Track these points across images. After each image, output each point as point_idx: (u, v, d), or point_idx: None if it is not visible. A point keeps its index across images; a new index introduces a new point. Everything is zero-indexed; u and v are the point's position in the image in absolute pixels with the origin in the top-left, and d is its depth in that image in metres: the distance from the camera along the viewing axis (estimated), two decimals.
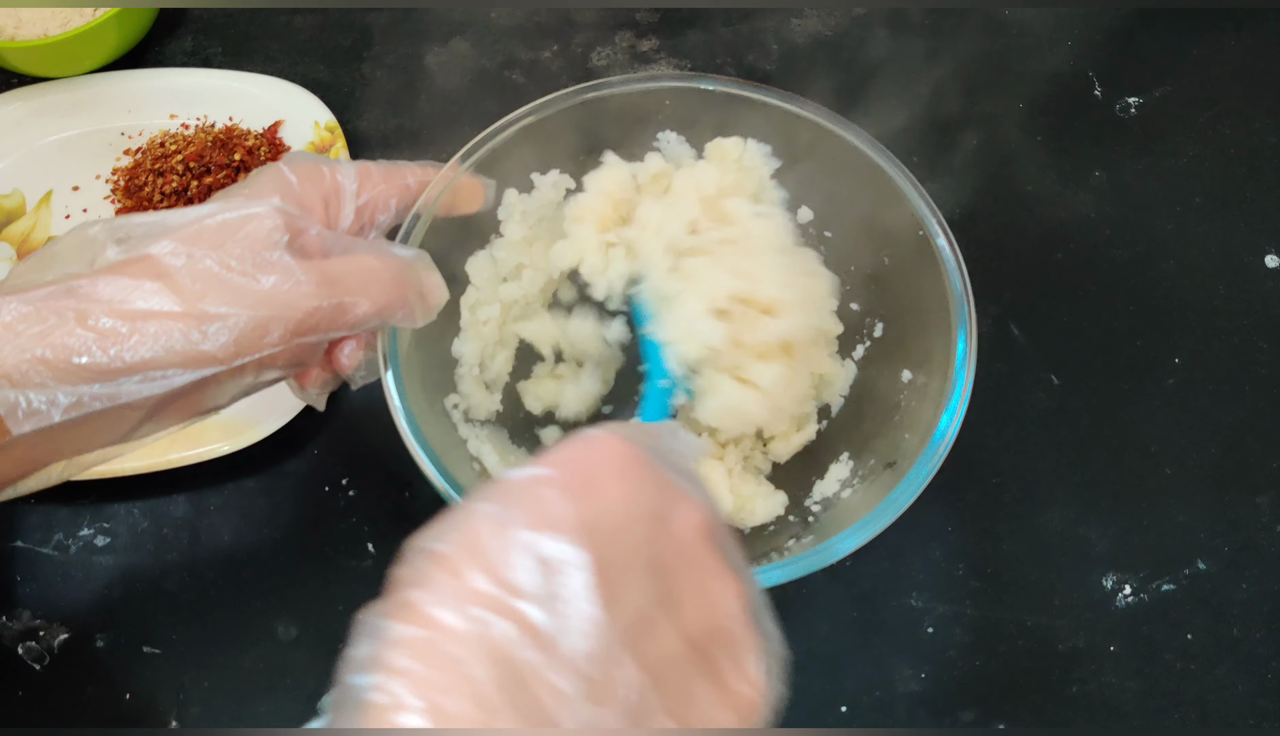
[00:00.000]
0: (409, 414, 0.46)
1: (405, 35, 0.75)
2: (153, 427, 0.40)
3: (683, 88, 0.55)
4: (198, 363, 0.37)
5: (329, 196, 0.44)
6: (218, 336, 0.37)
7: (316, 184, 0.43)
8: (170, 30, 0.76)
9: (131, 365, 0.37)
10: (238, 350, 0.38)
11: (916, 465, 0.46)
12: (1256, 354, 0.63)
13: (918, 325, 0.53)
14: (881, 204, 0.53)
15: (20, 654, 0.55)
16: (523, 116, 0.53)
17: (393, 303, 0.42)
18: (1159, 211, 0.68)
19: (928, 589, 0.56)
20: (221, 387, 0.40)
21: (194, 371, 0.38)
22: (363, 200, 0.45)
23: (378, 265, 0.42)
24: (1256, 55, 0.74)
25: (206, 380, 0.38)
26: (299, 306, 0.39)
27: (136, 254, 0.38)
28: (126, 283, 0.37)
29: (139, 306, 0.37)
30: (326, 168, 0.44)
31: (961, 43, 0.75)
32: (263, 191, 0.42)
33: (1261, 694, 0.54)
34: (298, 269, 0.39)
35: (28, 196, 0.68)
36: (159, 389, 0.37)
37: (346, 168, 0.45)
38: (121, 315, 0.37)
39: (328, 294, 0.40)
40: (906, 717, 0.53)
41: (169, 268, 0.38)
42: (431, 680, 0.26)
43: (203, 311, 0.37)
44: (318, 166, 0.44)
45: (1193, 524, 0.58)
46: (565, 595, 0.28)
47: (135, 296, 0.37)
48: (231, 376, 0.39)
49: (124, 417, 0.38)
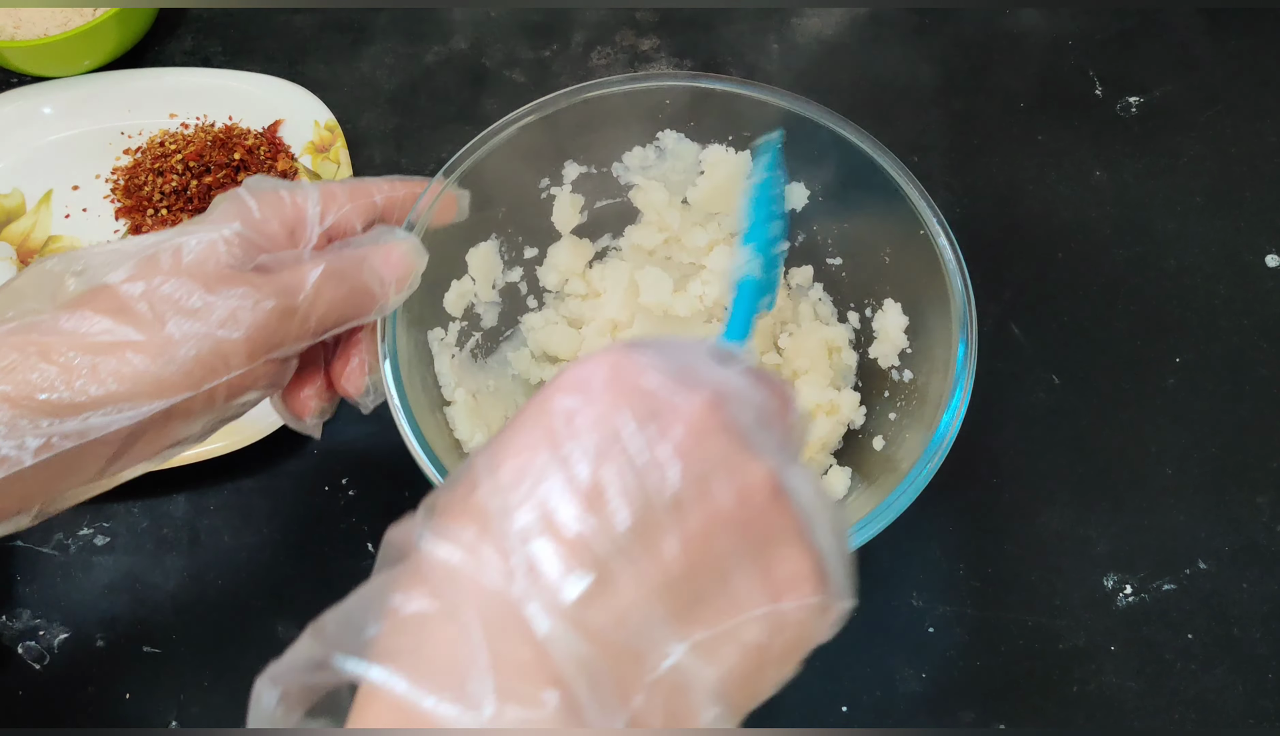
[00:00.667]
0: (409, 414, 0.46)
1: (405, 35, 0.75)
2: (126, 464, 0.39)
3: (683, 88, 0.55)
4: (164, 391, 0.37)
5: (293, 223, 0.43)
6: (182, 362, 0.37)
7: (278, 210, 0.42)
8: (170, 30, 0.76)
9: (97, 398, 0.36)
10: (204, 375, 0.37)
11: (916, 465, 0.46)
12: (1256, 354, 0.63)
13: (918, 325, 0.53)
14: (882, 203, 0.53)
15: (20, 654, 0.55)
16: (523, 116, 0.53)
17: (355, 296, 0.42)
18: (1159, 211, 0.68)
19: (928, 589, 0.56)
20: (193, 417, 0.39)
21: (160, 400, 0.37)
22: (328, 224, 0.43)
23: (334, 265, 0.41)
24: (1256, 55, 0.74)
25: (176, 410, 0.38)
26: (260, 322, 0.38)
27: (95, 285, 0.38)
28: (86, 315, 0.37)
29: (101, 338, 0.36)
30: (288, 193, 0.43)
31: (961, 43, 0.75)
32: (223, 218, 0.41)
33: (1261, 694, 0.54)
34: (256, 287, 0.39)
35: (28, 196, 0.68)
36: (126, 421, 0.36)
37: (310, 191, 0.43)
38: (83, 348, 0.36)
39: (285, 305, 0.39)
40: (906, 717, 0.53)
41: (128, 297, 0.37)
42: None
43: (165, 338, 0.37)
44: (278, 193, 0.43)
45: (1193, 524, 0.58)
46: (542, 569, 0.27)
47: (96, 328, 0.36)
48: (202, 404, 0.38)
49: (95, 455, 0.37)
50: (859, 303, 0.58)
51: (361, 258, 0.43)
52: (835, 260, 0.58)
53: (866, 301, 0.57)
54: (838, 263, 0.58)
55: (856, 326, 0.58)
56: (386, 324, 0.46)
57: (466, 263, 0.56)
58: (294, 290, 0.40)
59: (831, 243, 0.58)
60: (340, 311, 0.41)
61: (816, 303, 0.59)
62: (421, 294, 0.51)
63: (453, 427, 0.53)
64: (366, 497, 0.58)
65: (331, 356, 0.46)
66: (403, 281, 0.44)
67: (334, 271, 0.41)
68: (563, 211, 0.58)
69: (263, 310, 0.38)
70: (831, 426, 0.55)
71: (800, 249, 0.59)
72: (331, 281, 0.41)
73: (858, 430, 0.56)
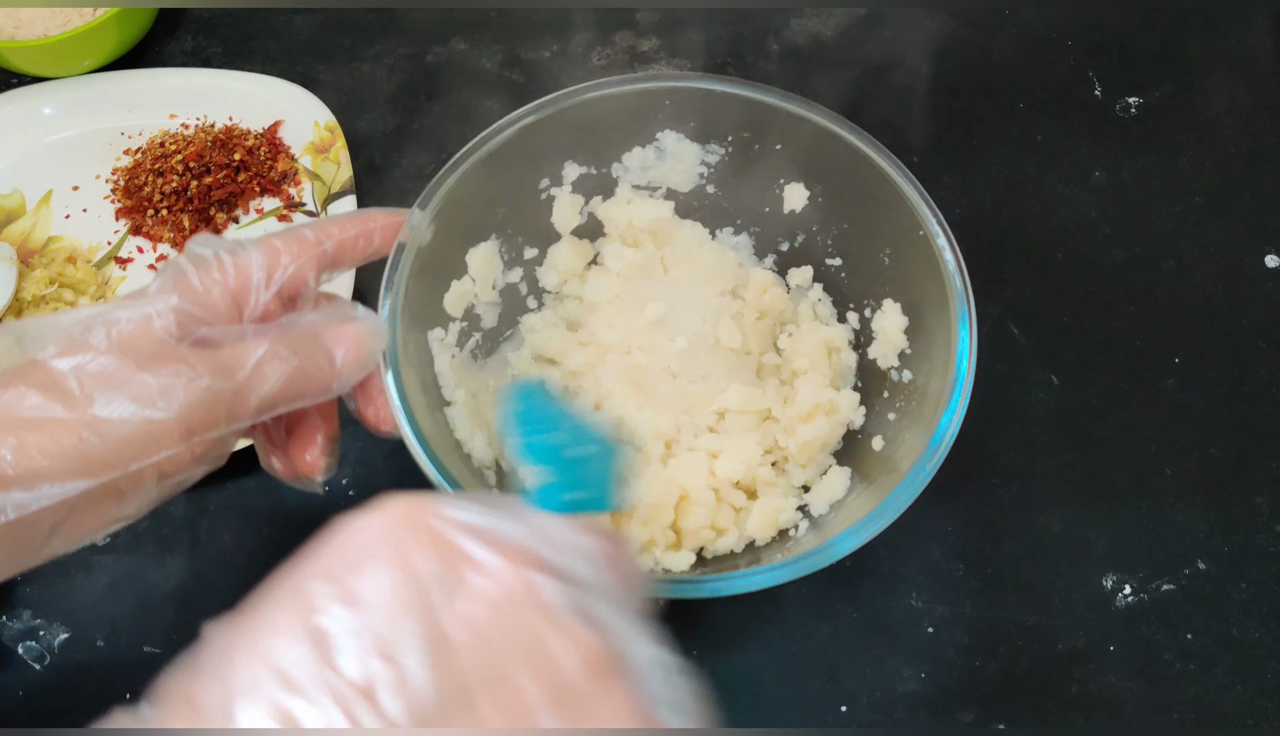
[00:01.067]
0: (409, 414, 0.46)
1: (405, 35, 0.75)
2: (62, 543, 0.38)
3: (683, 88, 0.55)
4: (90, 470, 0.35)
5: (236, 290, 0.40)
6: (109, 441, 0.35)
7: (220, 278, 0.40)
8: (170, 30, 0.76)
9: (22, 475, 0.35)
10: (132, 454, 0.36)
11: (916, 465, 0.46)
12: (1256, 354, 0.63)
13: (917, 325, 0.53)
14: (882, 204, 0.53)
15: (20, 654, 0.55)
16: (523, 116, 0.53)
17: (302, 376, 0.39)
18: (1159, 211, 0.68)
19: (928, 589, 0.56)
20: (125, 497, 0.38)
21: (85, 480, 0.35)
22: (274, 288, 0.41)
23: (280, 342, 0.39)
24: (1256, 55, 0.74)
25: (108, 488, 0.36)
26: (194, 402, 0.37)
27: (25, 360, 0.37)
28: (19, 390, 0.36)
29: (29, 414, 0.35)
30: (230, 258, 0.40)
31: (961, 43, 0.75)
32: (161, 291, 0.39)
33: (1261, 694, 0.54)
34: (191, 364, 0.37)
35: (28, 196, 0.68)
36: (50, 500, 0.35)
37: (253, 253, 0.41)
38: (9, 424, 0.35)
39: (222, 384, 0.37)
40: (906, 718, 0.53)
41: (57, 373, 0.36)
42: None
43: (92, 416, 0.35)
44: (219, 258, 0.40)
45: (1193, 524, 0.58)
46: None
47: (25, 404, 0.35)
48: (130, 483, 0.37)
49: (28, 534, 0.36)
50: (858, 303, 0.58)
51: (312, 335, 0.40)
52: (835, 260, 0.58)
53: (866, 302, 0.57)
54: (837, 263, 0.58)
55: (856, 327, 0.58)
56: (387, 324, 0.46)
57: (466, 263, 0.56)
58: (233, 368, 0.38)
59: (831, 243, 0.58)
60: (285, 392, 0.39)
61: (816, 303, 0.59)
62: (421, 294, 0.51)
63: (453, 428, 0.53)
64: (366, 498, 0.58)
65: (315, 418, 0.44)
66: (359, 364, 0.41)
67: (279, 349, 0.39)
68: (563, 212, 0.58)
69: (197, 389, 0.37)
70: (831, 427, 0.55)
71: (800, 249, 0.60)
72: (275, 360, 0.38)
73: (857, 430, 0.56)
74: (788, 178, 0.58)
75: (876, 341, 0.56)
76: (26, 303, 0.63)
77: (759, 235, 0.61)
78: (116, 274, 0.66)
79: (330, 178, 0.67)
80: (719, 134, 0.57)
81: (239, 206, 0.68)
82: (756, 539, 0.53)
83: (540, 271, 0.60)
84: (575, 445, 0.42)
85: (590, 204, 0.59)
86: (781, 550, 0.52)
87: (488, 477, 0.53)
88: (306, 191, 0.68)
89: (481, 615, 0.26)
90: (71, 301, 0.63)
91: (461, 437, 0.53)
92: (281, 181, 0.68)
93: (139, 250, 0.67)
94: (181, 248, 0.66)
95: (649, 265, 0.59)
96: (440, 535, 0.27)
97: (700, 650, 0.54)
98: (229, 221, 0.67)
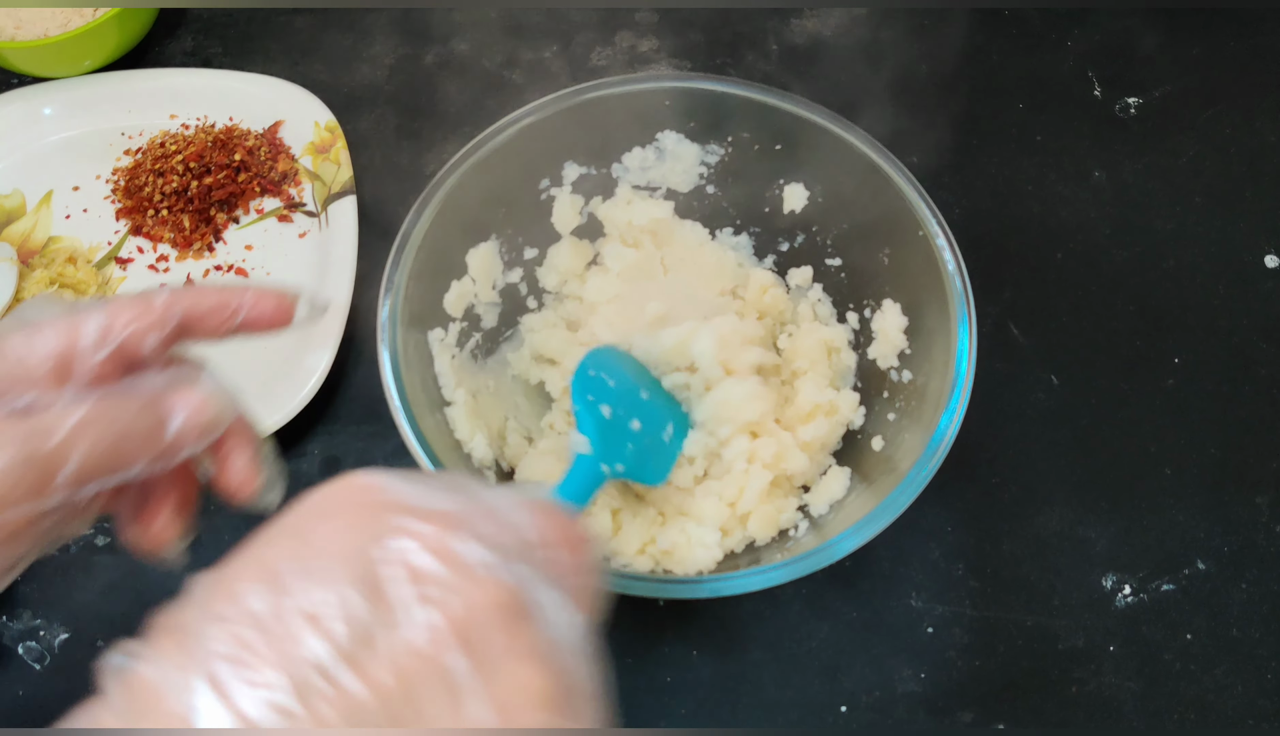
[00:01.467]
0: (409, 414, 0.46)
1: (405, 35, 0.75)
2: None
3: (683, 88, 0.55)
4: None
5: (59, 355, 0.37)
6: None
7: (45, 343, 0.37)
8: (170, 30, 0.76)
9: None
10: None
11: (916, 465, 0.46)
12: (1256, 354, 0.63)
13: (917, 325, 0.53)
14: (882, 204, 0.53)
15: (20, 654, 0.55)
16: (523, 116, 0.53)
17: (127, 444, 0.36)
18: (1159, 211, 0.68)
19: (928, 589, 0.56)
20: None
21: None
22: (108, 350, 0.38)
23: (103, 407, 0.36)
24: (1256, 55, 0.74)
25: None
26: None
27: None
28: None
29: None
30: (61, 322, 0.38)
31: (961, 43, 0.75)
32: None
33: (1261, 694, 0.54)
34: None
35: (28, 196, 0.68)
36: None
37: (91, 317, 0.38)
38: None
39: (32, 452, 0.34)
40: (906, 717, 0.53)
41: None
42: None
43: None
44: (48, 325, 0.38)
45: (1192, 524, 0.58)
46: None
47: None
48: None
49: None
50: (858, 303, 0.58)
51: (145, 399, 0.37)
52: (834, 260, 0.58)
53: (865, 302, 0.57)
54: (837, 263, 0.58)
55: (856, 327, 0.58)
56: (387, 325, 0.46)
57: (466, 263, 0.56)
58: (44, 437, 0.34)
59: (831, 243, 0.58)
60: (108, 460, 0.35)
61: (816, 303, 0.59)
62: (422, 294, 0.51)
63: (453, 428, 0.53)
64: None
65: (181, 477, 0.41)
66: (199, 429, 0.38)
67: (100, 415, 0.35)
68: (562, 212, 0.58)
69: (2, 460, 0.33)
70: (831, 427, 0.55)
71: (800, 249, 0.60)
72: (96, 426, 0.35)
73: (857, 430, 0.56)
74: (788, 178, 0.58)
75: (876, 341, 0.56)
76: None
77: (759, 235, 0.61)
78: (117, 274, 0.66)
79: (330, 178, 0.67)
80: (719, 134, 0.57)
81: (239, 207, 0.68)
82: (756, 539, 0.53)
83: (540, 271, 0.60)
84: (628, 417, 0.45)
85: (590, 204, 0.59)
86: (781, 550, 0.52)
87: (488, 477, 0.53)
88: (307, 192, 0.68)
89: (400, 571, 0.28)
90: (72, 301, 0.63)
91: (461, 437, 0.53)
92: (282, 182, 0.68)
93: (139, 250, 0.67)
94: (182, 248, 0.66)
95: (649, 265, 0.59)
96: (380, 504, 0.30)
97: (700, 650, 0.54)
98: (229, 222, 0.67)
